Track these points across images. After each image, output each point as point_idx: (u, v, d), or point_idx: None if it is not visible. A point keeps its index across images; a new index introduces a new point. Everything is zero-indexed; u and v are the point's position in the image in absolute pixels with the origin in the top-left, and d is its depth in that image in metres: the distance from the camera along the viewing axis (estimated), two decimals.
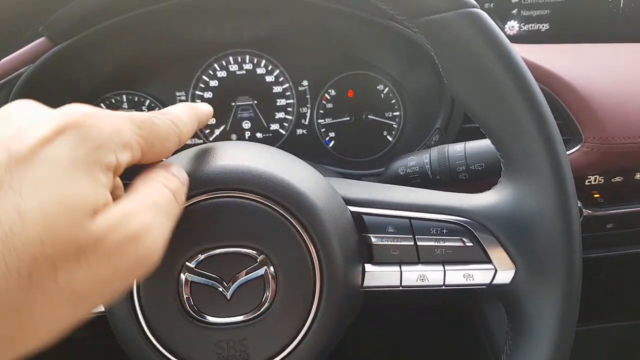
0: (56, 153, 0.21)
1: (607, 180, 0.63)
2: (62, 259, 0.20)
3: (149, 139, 0.26)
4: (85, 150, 0.22)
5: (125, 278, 0.22)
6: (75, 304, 0.21)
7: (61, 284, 0.20)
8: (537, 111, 0.33)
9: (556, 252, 0.35)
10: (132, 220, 0.22)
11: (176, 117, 0.29)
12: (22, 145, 0.21)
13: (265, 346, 0.34)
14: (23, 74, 0.59)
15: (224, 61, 0.70)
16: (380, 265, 0.37)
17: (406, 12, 0.35)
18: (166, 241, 0.25)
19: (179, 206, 0.27)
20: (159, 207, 0.24)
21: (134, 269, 0.22)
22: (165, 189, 0.26)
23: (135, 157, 0.25)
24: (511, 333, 0.38)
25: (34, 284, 0.19)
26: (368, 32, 0.66)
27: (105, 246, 0.21)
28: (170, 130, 0.28)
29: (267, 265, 0.34)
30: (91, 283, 0.21)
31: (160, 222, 0.24)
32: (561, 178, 0.34)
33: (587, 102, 0.58)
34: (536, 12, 0.71)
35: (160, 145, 0.27)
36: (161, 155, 0.28)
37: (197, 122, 0.32)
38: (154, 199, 0.25)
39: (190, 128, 0.30)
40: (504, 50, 0.33)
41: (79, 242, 0.20)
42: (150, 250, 0.23)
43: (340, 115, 0.73)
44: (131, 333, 0.34)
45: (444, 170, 0.52)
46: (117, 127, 0.24)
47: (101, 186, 0.22)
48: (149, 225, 0.23)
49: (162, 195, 0.26)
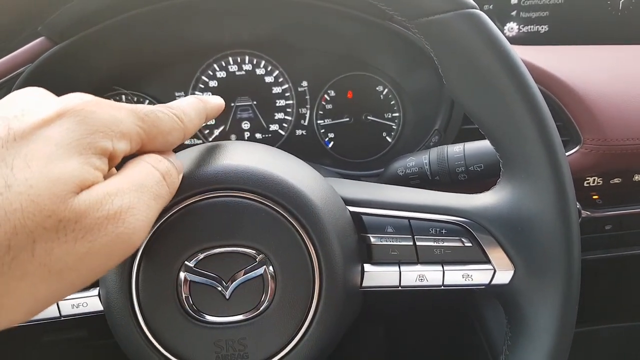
0: (53, 133, 0.22)
1: (605, 181, 0.63)
2: (40, 231, 0.20)
3: (151, 132, 0.26)
4: (81, 133, 0.22)
5: (103, 257, 0.22)
6: (51, 281, 0.21)
7: (38, 258, 0.20)
8: (537, 112, 0.33)
9: (555, 252, 0.35)
10: (115, 199, 0.22)
11: (182, 111, 0.29)
12: (23, 124, 0.22)
13: (264, 346, 0.34)
14: (22, 73, 0.59)
15: (224, 62, 0.71)
16: (379, 265, 0.37)
17: (406, 13, 0.35)
18: (150, 223, 0.24)
19: (169, 189, 0.27)
20: (144, 188, 0.24)
21: (112, 248, 0.22)
22: (154, 170, 0.26)
23: (133, 147, 0.25)
24: (510, 333, 0.38)
25: (12, 254, 0.19)
26: (367, 33, 0.67)
27: (85, 223, 0.21)
28: (174, 125, 0.28)
29: (266, 264, 0.34)
30: (67, 259, 0.21)
31: (145, 203, 0.24)
32: (560, 179, 0.34)
33: (585, 103, 0.58)
34: (535, 13, 0.71)
35: (162, 139, 0.27)
36: (162, 148, 0.28)
37: (204, 116, 0.31)
38: (140, 180, 0.25)
39: (196, 122, 0.30)
40: (504, 51, 0.33)
41: (59, 216, 0.20)
42: (130, 231, 0.23)
43: (340, 116, 0.73)
44: (130, 332, 0.34)
45: (443, 171, 0.52)
46: (117, 117, 0.24)
47: (91, 167, 0.22)
48: (131, 205, 0.23)
49: (149, 176, 0.25)
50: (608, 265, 0.72)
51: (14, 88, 0.59)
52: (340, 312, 0.35)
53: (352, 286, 0.36)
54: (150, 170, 0.26)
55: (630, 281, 0.81)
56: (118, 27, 0.62)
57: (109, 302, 0.34)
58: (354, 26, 0.66)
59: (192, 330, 0.34)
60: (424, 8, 0.34)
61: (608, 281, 0.78)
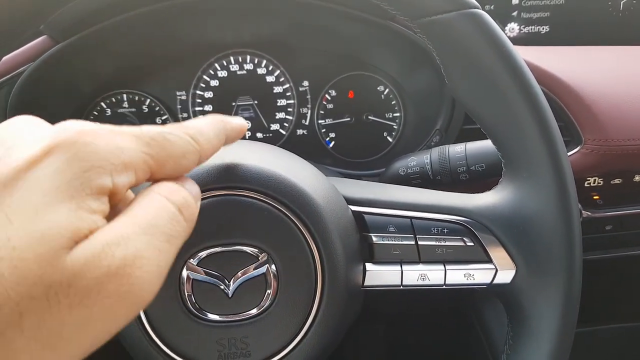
0: (40, 177, 0.18)
1: (606, 182, 0.63)
2: (27, 302, 0.16)
3: (160, 158, 0.22)
4: (73, 173, 0.19)
5: (106, 323, 0.18)
6: (45, 357, 0.17)
7: (27, 333, 0.17)
8: (539, 112, 0.34)
9: (557, 252, 0.35)
10: (117, 249, 0.18)
11: (197, 131, 0.25)
12: (9, 167, 0.18)
13: (266, 344, 0.34)
14: (24, 72, 0.59)
15: (225, 61, 0.71)
16: (381, 265, 0.37)
17: (408, 13, 0.35)
18: (164, 271, 0.20)
19: (187, 224, 0.22)
20: (155, 229, 0.20)
21: (117, 311, 0.18)
22: (168, 204, 0.22)
23: (140, 178, 0.22)
24: (511, 333, 0.38)
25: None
26: (369, 33, 0.67)
27: (81, 285, 0.17)
28: (188, 147, 0.24)
29: (268, 263, 0.34)
30: (62, 330, 0.17)
31: (156, 247, 0.20)
32: (562, 179, 0.34)
33: (586, 104, 0.59)
34: (536, 14, 0.71)
35: (173, 164, 0.23)
36: (175, 174, 0.24)
37: (224, 137, 0.27)
38: (149, 219, 0.20)
39: (215, 143, 0.26)
40: (506, 51, 0.33)
41: (47, 281, 0.17)
42: (138, 288, 0.19)
43: (341, 116, 0.73)
44: (132, 330, 0.34)
45: (445, 171, 0.52)
46: (117, 145, 0.20)
47: (87, 212, 0.18)
48: (138, 254, 0.19)
49: (161, 213, 0.21)
50: (608, 266, 0.72)
51: (16, 86, 0.59)
52: (342, 311, 0.35)
53: (354, 285, 0.36)
54: (162, 204, 0.21)
55: (630, 282, 0.81)
56: (119, 26, 0.62)
57: None
58: (355, 26, 0.66)
59: (195, 329, 0.34)
60: (427, 8, 0.34)
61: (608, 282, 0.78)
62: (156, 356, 0.34)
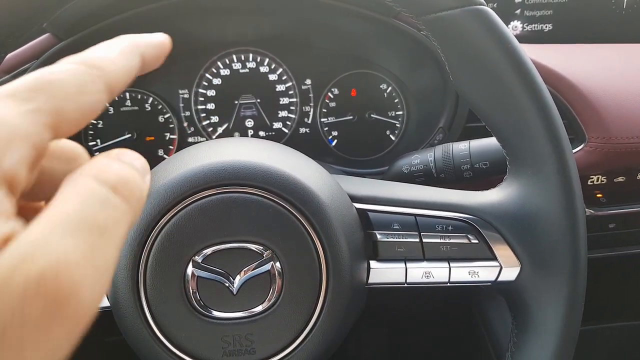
0: None
1: (609, 180, 0.63)
2: None
3: (52, 109, 0.17)
4: None
5: (44, 351, 0.14)
6: None
7: None
8: (544, 108, 0.33)
9: (561, 249, 0.35)
10: (34, 259, 0.14)
11: (92, 55, 0.19)
12: None
13: (270, 341, 0.34)
14: (27, 69, 0.59)
15: (228, 59, 0.71)
16: (385, 262, 0.37)
17: (413, 9, 0.35)
18: (108, 270, 0.15)
19: (129, 207, 0.17)
20: (82, 223, 0.15)
21: (53, 335, 0.14)
22: (96, 186, 0.16)
23: (39, 146, 0.16)
24: (516, 330, 0.38)
25: None
26: (371, 31, 0.67)
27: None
28: (84, 77, 0.18)
29: (273, 260, 0.34)
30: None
31: (87, 246, 0.15)
32: (567, 176, 0.34)
33: (590, 102, 0.58)
34: (539, 12, 0.71)
35: (74, 106, 0.17)
36: (86, 117, 0.18)
37: (137, 54, 0.21)
38: (72, 211, 0.15)
39: (123, 63, 0.20)
40: (511, 48, 0.33)
41: None
42: (72, 299, 0.14)
43: (343, 114, 0.73)
44: (137, 327, 0.34)
45: (449, 169, 0.52)
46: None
47: None
48: (62, 259, 0.14)
49: (89, 200, 0.16)
50: (612, 264, 0.72)
51: None
52: (346, 308, 0.35)
53: (358, 283, 0.36)
54: (88, 188, 0.16)
55: (634, 280, 0.80)
56: (123, 24, 0.62)
57: (116, 298, 0.34)
58: (358, 24, 0.66)
59: (199, 326, 0.34)
60: (432, 4, 0.34)
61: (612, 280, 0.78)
62: (161, 353, 0.34)
